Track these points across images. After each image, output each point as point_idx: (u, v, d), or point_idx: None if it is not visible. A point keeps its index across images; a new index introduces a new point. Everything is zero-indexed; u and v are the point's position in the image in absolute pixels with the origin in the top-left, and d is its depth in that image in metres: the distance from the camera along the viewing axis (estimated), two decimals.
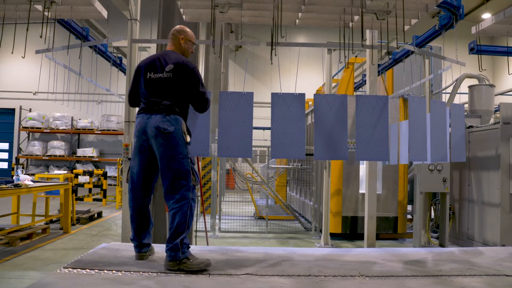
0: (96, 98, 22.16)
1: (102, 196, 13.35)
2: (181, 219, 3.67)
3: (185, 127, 3.87)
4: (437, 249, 5.29)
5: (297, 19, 5.02)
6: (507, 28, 5.11)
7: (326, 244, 7.66)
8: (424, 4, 4.59)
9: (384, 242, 8.31)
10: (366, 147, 4.74)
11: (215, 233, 8.60)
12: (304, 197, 10.95)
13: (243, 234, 8.79)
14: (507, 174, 6.65)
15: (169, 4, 6.36)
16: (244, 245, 7.55)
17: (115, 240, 7.45)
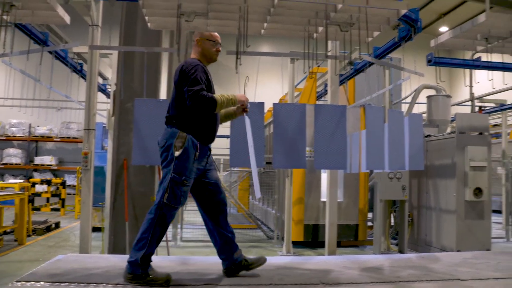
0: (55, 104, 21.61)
1: (61, 206, 13.00)
2: (142, 233, 3.57)
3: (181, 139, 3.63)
4: (396, 255, 5.40)
5: (262, 29, 5.06)
6: (463, 42, 5.30)
7: (288, 252, 7.69)
8: (386, 17, 4.72)
9: (345, 249, 8.42)
10: (324, 156, 4.81)
11: (176, 242, 8.50)
12: (267, 206, 10.98)
13: (205, 244, 8.71)
14: (462, 181, 6.87)
15: (132, 11, 6.29)
16: (206, 254, 7.48)
17: (73, 251, 7.25)
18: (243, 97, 3.85)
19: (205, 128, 3.75)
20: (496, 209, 13.05)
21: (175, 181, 3.58)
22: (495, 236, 9.64)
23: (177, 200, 3.60)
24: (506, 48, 5.33)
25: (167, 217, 3.60)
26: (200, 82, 3.60)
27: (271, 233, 9.51)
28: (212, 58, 3.97)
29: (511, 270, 4.37)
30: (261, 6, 4.52)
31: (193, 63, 3.71)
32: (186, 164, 3.61)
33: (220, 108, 3.69)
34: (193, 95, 3.54)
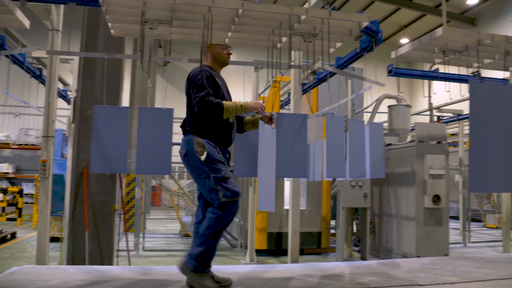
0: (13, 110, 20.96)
1: (17, 216, 12.57)
2: (205, 231, 3.62)
3: (199, 144, 3.69)
4: (357, 262, 5.47)
5: (226, 38, 5.06)
6: (422, 54, 5.45)
7: (252, 260, 7.69)
8: (349, 29, 4.81)
9: (308, 257, 8.49)
10: (285, 165, 4.84)
11: (138, 252, 8.36)
12: None
13: (168, 253, 8.61)
14: (421, 189, 7.05)
15: (95, 16, 6.19)
16: (168, 264, 7.39)
17: (29, 262, 7.03)
18: (256, 104, 3.79)
19: (219, 132, 3.80)
20: (453, 215, 13.46)
21: (219, 179, 3.65)
22: (453, 242, 9.93)
23: (232, 191, 3.64)
24: (462, 61, 5.52)
25: (229, 215, 3.65)
26: (206, 87, 3.67)
27: (235, 241, 9.48)
28: (224, 61, 4.09)
29: (467, 274, 4.50)
30: (225, 15, 4.53)
31: (197, 70, 3.80)
32: (217, 162, 3.69)
33: (228, 114, 3.68)
34: (199, 101, 3.61)
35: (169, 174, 4.86)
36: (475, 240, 11.08)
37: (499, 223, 13.13)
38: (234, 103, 3.70)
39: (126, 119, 4.42)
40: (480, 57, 5.27)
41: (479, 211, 14.58)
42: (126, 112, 4.45)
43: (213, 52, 4.03)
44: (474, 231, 12.59)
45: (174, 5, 4.33)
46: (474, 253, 8.96)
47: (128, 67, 12.23)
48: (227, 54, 4.07)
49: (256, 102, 3.82)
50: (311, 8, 4.61)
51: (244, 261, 7.88)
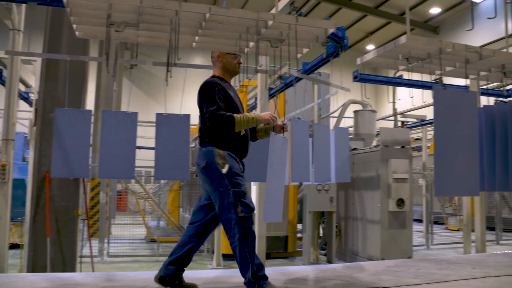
0: None
1: None
2: (240, 253, 3.55)
3: (220, 156, 3.66)
4: (323, 266, 5.53)
5: (194, 42, 5.04)
6: (386, 61, 5.55)
7: (218, 265, 7.65)
8: (315, 35, 4.86)
9: (275, 261, 8.51)
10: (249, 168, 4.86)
11: (103, 258, 8.20)
12: None
13: (134, 258, 8.49)
14: (386, 193, 7.18)
15: (58, 17, 6.06)
16: (133, 269, 7.29)
17: None
18: (266, 115, 3.77)
19: (237, 142, 3.79)
20: (417, 218, 13.77)
21: (238, 194, 3.59)
22: (416, 244, 10.15)
23: (249, 207, 3.60)
24: (425, 68, 5.65)
25: (249, 227, 3.59)
26: (217, 101, 3.65)
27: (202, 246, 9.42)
28: (235, 71, 4.09)
29: (428, 275, 4.61)
30: (192, 19, 4.50)
31: (209, 83, 3.79)
32: (237, 176, 3.66)
33: (240, 127, 3.67)
34: (210, 116, 3.60)
35: (133, 178, 4.81)
36: (438, 242, 11.35)
37: (460, 225, 13.50)
38: (245, 115, 3.70)
39: (88, 122, 4.34)
40: (442, 65, 5.41)
41: (442, 214, 14.96)
42: (89, 115, 4.38)
43: (224, 61, 4.05)
44: (437, 233, 12.90)
45: (141, 8, 4.28)
46: (436, 255, 9.18)
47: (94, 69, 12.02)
48: (237, 63, 4.09)
49: (267, 113, 3.82)
50: (278, 14, 4.64)
51: (211, 265, 7.84)
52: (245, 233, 3.55)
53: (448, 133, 4.35)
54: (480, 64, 5.55)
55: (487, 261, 5.65)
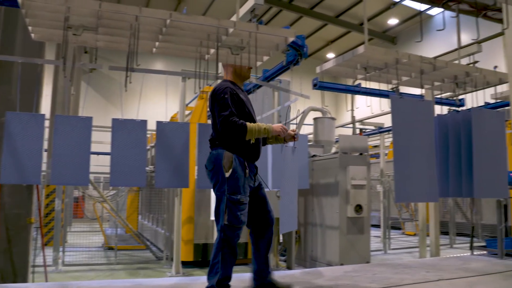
0: None
1: None
2: (213, 259, 3.61)
3: (228, 159, 3.67)
4: (282, 272, 5.55)
5: (154, 47, 5.00)
6: (345, 70, 5.67)
7: (178, 273, 7.56)
8: (275, 43, 4.92)
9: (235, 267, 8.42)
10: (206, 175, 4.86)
11: (57, 267, 7.95)
12: (156, 225, 10.73)
13: (90, 267, 8.27)
14: (344, 199, 7.29)
15: (12, 17, 5.87)
16: (89, 278, 7.11)
17: None
18: (278, 128, 3.80)
19: (248, 146, 3.79)
20: (375, 223, 14.05)
21: (232, 201, 3.61)
22: (374, 249, 10.34)
23: (237, 219, 3.61)
24: (382, 77, 5.80)
25: (231, 238, 3.60)
26: (230, 106, 3.67)
27: (161, 253, 9.29)
28: (245, 76, 4.13)
29: (385, 280, 4.71)
30: (153, 25, 4.47)
31: (222, 87, 3.79)
32: (238, 183, 3.66)
33: (251, 136, 3.68)
34: (222, 121, 3.63)
35: (86, 185, 4.71)
36: (395, 247, 11.60)
37: (416, 230, 13.86)
38: (257, 125, 3.72)
39: (41, 127, 4.22)
40: (398, 75, 5.57)
41: (399, 219, 15.32)
42: (42, 119, 4.26)
43: (234, 67, 4.08)
44: (394, 238, 13.19)
45: (100, 12, 4.21)
46: (393, 259, 9.37)
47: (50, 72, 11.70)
48: (248, 68, 4.12)
49: (278, 126, 3.83)
50: (239, 21, 4.67)
51: (169, 273, 7.73)
52: (224, 241, 3.59)
53: (406, 141, 4.47)
54: (434, 75, 5.75)
55: (440, 264, 5.84)
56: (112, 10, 4.17)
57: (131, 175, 4.53)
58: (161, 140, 4.76)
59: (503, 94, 7.99)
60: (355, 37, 22.41)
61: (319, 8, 20.10)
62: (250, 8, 5.59)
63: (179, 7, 19.78)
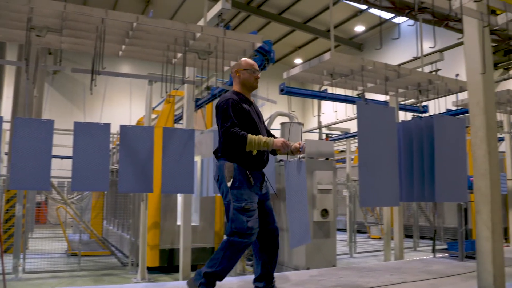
0: None
1: None
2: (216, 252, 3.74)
3: (229, 170, 3.77)
4: (248, 277, 5.54)
5: (120, 50, 4.95)
6: (311, 76, 5.74)
7: (143, 278, 7.46)
8: (243, 48, 4.94)
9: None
10: (171, 180, 4.81)
11: (18, 275, 7.71)
12: (122, 231, 10.57)
13: (52, 274, 8.06)
14: (311, 203, 7.35)
15: None
16: (51, 286, 6.94)
17: None
18: (279, 143, 3.76)
19: (249, 155, 3.79)
20: (341, 227, 14.22)
21: (238, 209, 3.71)
22: (340, 253, 10.45)
23: (244, 226, 3.68)
24: (348, 84, 5.90)
25: (237, 244, 3.68)
26: (231, 117, 3.72)
27: (126, 259, 9.14)
28: (252, 86, 4.09)
29: (350, 283, 4.78)
30: (119, 28, 4.42)
31: (224, 98, 3.85)
32: (242, 190, 3.74)
33: (251, 148, 3.70)
34: (224, 132, 3.70)
35: (47, 190, 4.60)
36: (361, 250, 11.75)
37: (381, 234, 14.10)
38: (258, 138, 3.71)
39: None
40: (364, 81, 5.68)
41: (364, 223, 15.55)
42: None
43: (242, 77, 4.04)
44: (360, 242, 13.37)
45: (64, 14, 4.14)
46: (358, 263, 9.51)
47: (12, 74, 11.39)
48: (255, 79, 4.07)
49: (280, 140, 3.79)
50: (206, 26, 4.67)
51: (135, 279, 7.62)
52: (230, 244, 3.69)
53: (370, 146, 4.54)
54: (399, 82, 5.89)
55: (404, 267, 5.96)
56: (77, 11, 4.11)
57: (94, 180, 4.44)
58: (124, 144, 4.70)
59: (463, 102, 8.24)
60: (322, 43, 22.70)
61: (287, 14, 20.27)
62: (218, 13, 5.61)
63: (147, 9, 19.59)
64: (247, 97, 4.06)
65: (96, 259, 9.70)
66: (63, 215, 11.00)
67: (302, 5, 19.47)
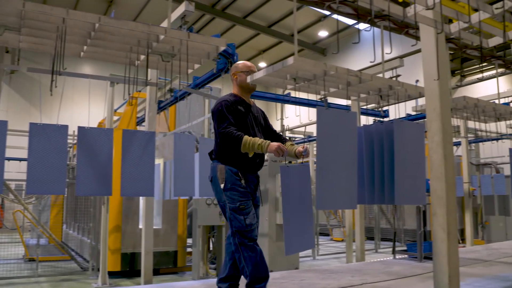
0: None
1: None
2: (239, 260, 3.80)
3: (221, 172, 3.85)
4: (211, 280, 5.53)
5: (82, 51, 4.85)
6: (275, 80, 5.77)
7: (104, 283, 7.32)
8: (206, 51, 4.93)
9: (164, 276, 8.35)
10: (131, 182, 4.75)
11: None
12: (82, 235, 10.34)
13: (8, 281, 7.81)
14: (274, 206, 7.41)
15: None
16: None
17: None
18: (273, 147, 3.69)
19: (241, 158, 3.84)
20: None
21: (233, 209, 3.78)
22: (303, 256, 10.57)
23: (243, 224, 3.75)
24: (311, 88, 5.97)
25: (245, 240, 3.75)
26: (227, 117, 3.80)
27: (86, 264, 8.95)
28: (249, 88, 4.17)
29: (311, 285, 4.85)
30: (81, 28, 4.34)
31: (219, 101, 3.94)
32: (234, 191, 3.80)
33: (245, 149, 3.71)
34: (220, 132, 3.78)
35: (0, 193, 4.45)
36: (323, 252, 11.91)
37: (344, 236, 14.32)
38: (252, 140, 3.70)
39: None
40: (326, 86, 5.76)
41: (327, 226, 15.75)
42: None
43: (239, 80, 4.10)
44: (323, 244, 13.54)
45: (23, 12, 4.04)
46: (321, 265, 9.62)
47: None
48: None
49: (274, 144, 3.73)
50: (170, 29, 4.64)
51: (96, 284, 7.47)
52: (241, 245, 3.75)
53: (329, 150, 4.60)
54: (360, 87, 6.00)
55: (365, 269, 6.08)
56: (37, 10, 4.02)
57: (50, 183, 4.32)
58: (83, 146, 4.60)
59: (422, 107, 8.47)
60: (286, 47, 22.90)
61: (252, 18, 20.35)
62: (181, 15, 5.58)
63: (109, 9, 19.29)
64: (244, 99, 4.12)
65: (55, 264, 9.46)
66: (20, 219, 10.67)
67: (267, 9, 19.60)
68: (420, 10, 4.16)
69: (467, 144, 10.13)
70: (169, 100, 8.48)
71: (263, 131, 4.22)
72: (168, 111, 9.53)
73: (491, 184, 10.20)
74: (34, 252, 9.07)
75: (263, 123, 4.29)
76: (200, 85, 7.19)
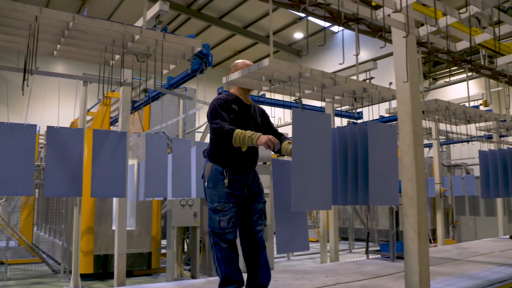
0: None
1: None
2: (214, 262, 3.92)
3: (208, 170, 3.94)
4: (185, 281, 5.52)
5: (55, 50, 4.77)
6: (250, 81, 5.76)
7: (76, 286, 7.21)
8: (182, 52, 4.91)
9: (138, 278, 8.27)
10: (101, 183, 4.70)
11: None
12: (54, 237, 10.16)
13: None
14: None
15: None
16: None
17: None
18: (263, 139, 3.71)
19: (229, 156, 3.92)
20: None
21: (211, 209, 3.87)
22: (277, 256, 10.61)
23: (217, 226, 3.81)
24: (286, 90, 5.99)
25: (219, 242, 3.82)
26: (220, 114, 3.88)
27: (58, 266, 8.80)
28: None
29: (286, 286, 4.88)
30: (54, 26, 4.27)
31: (214, 99, 4.06)
32: (215, 191, 3.87)
33: (236, 142, 3.72)
34: (212, 128, 3.83)
35: None
36: (298, 253, 11.98)
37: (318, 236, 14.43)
38: (243, 133, 3.69)
39: None
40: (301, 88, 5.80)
41: None
42: None
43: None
44: None
45: None
46: (295, 265, 9.67)
47: None
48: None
49: (264, 137, 3.72)
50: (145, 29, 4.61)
51: (67, 287, 7.35)
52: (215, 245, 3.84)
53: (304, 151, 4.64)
54: (335, 89, 6.06)
55: (339, 269, 6.15)
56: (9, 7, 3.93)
57: (17, 184, 4.22)
58: (52, 146, 4.52)
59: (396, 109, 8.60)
60: (262, 48, 22.96)
61: (227, 18, 20.34)
62: (155, 14, 5.55)
63: (83, 7, 19.00)
64: (241, 98, 4.20)
65: (25, 267, 9.26)
66: None
67: (243, 10, 19.61)
68: (389, 13, 4.24)
69: (439, 146, 10.34)
70: (143, 100, 8.41)
71: (258, 130, 4.23)
72: (142, 111, 9.46)
73: (462, 185, 10.45)
74: (3, 254, 8.86)
75: (259, 122, 4.32)
76: (174, 85, 7.15)
